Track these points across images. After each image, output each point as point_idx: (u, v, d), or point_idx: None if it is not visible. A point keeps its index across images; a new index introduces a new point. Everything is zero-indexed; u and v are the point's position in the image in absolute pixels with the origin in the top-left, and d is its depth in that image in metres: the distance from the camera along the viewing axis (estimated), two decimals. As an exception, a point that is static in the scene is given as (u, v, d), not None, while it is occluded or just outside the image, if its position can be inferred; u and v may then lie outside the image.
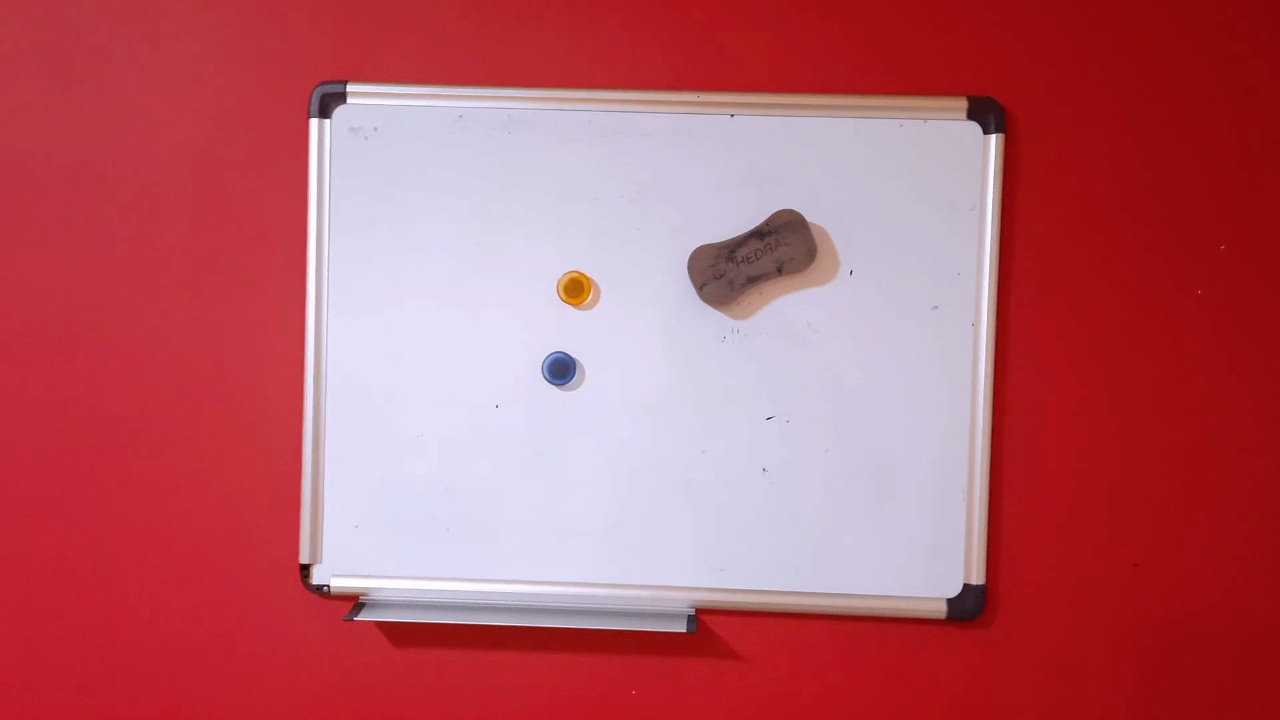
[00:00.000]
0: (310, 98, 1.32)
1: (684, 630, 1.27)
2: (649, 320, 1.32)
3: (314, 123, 1.32)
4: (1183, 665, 1.34)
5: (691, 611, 1.33)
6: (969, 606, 1.32)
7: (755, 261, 1.29)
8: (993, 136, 1.29)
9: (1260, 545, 1.33)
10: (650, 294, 1.32)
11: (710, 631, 1.36)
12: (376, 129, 1.32)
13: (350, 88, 1.32)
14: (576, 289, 1.32)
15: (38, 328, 1.36)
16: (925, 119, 1.30)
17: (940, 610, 1.32)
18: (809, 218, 1.30)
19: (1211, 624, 1.34)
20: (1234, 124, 1.31)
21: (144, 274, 1.36)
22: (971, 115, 1.29)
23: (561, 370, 1.32)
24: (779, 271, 1.30)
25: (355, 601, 1.35)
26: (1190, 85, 1.31)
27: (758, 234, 1.30)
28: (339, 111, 1.32)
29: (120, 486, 1.37)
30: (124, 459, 1.37)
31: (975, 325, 1.31)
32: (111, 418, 1.37)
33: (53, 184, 1.35)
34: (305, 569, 1.35)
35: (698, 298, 1.31)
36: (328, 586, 1.35)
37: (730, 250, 1.30)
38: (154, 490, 1.37)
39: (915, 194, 1.30)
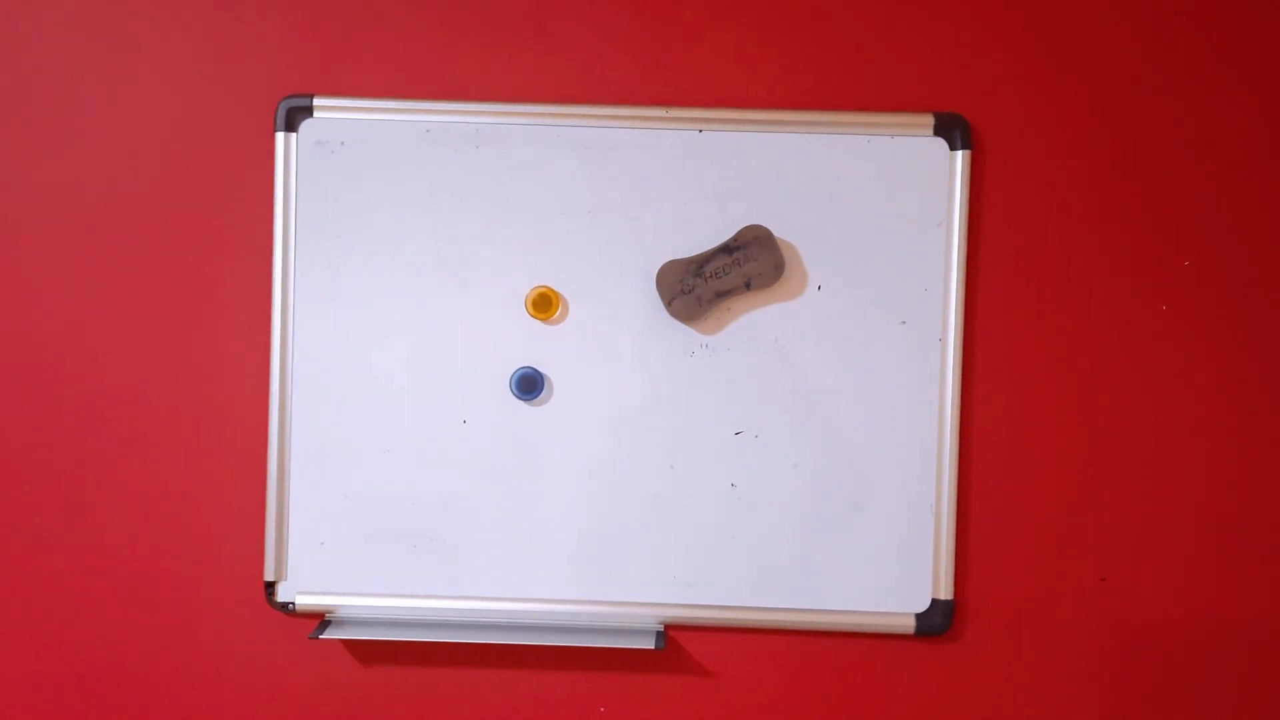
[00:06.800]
0: (276, 111, 1.31)
1: (653, 646, 1.27)
2: (617, 335, 1.32)
3: (280, 136, 1.31)
4: (1150, 679, 1.35)
5: (660, 628, 1.32)
6: (937, 622, 1.32)
7: (723, 276, 1.29)
8: (959, 152, 1.30)
9: (1226, 559, 1.33)
10: (619, 309, 1.31)
11: (679, 647, 1.35)
12: (343, 143, 1.31)
13: (317, 101, 1.31)
14: (545, 303, 1.31)
15: (-2, 342, 1.35)
16: (892, 135, 1.30)
17: (909, 625, 1.32)
18: (777, 233, 1.30)
19: (1178, 637, 1.34)
20: (1199, 140, 1.32)
21: (107, 287, 1.34)
22: (938, 131, 1.30)
23: (529, 385, 1.31)
24: (747, 286, 1.30)
25: (321, 619, 1.33)
26: (1154, 102, 1.32)
27: (726, 249, 1.30)
28: (305, 125, 1.31)
29: (81, 499, 1.35)
30: (88, 471, 1.35)
31: (943, 340, 1.31)
32: (77, 430, 1.35)
33: (14, 197, 1.34)
34: (270, 586, 1.33)
35: (666, 313, 1.31)
36: (293, 604, 1.33)
37: (699, 265, 1.30)
38: (116, 503, 1.35)
39: (882, 210, 1.30)
